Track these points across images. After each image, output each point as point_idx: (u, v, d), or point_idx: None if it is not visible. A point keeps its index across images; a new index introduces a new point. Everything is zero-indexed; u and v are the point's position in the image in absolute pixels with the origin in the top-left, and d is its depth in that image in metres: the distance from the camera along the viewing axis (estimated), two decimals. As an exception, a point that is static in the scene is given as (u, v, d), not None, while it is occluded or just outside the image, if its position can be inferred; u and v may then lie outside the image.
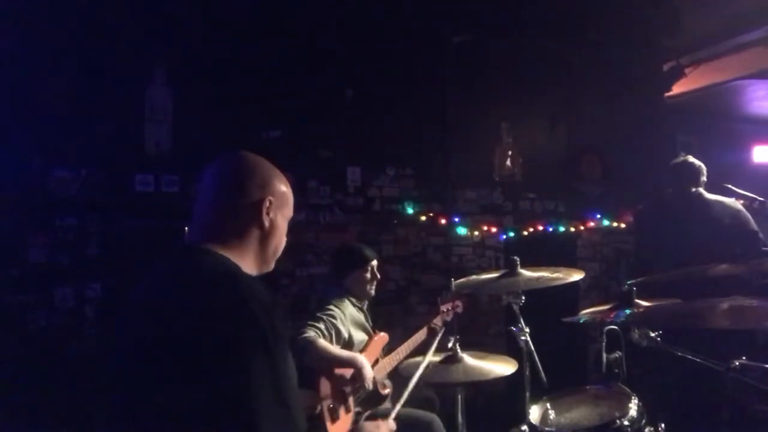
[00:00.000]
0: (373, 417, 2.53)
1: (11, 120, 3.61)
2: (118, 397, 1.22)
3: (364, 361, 2.79)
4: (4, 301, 3.55)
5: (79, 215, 3.75)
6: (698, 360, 1.99)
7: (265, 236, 1.40)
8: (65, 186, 3.74)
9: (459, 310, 3.33)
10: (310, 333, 2.68)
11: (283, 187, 1.45)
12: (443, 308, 3.30)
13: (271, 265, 1.47)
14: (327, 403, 2.68)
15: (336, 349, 2.77)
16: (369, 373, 2.77)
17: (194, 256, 1.31)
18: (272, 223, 1.41)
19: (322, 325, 2.77)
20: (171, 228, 1.43)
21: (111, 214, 3.80)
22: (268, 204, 1.39)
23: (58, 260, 3.69)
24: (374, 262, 3.13)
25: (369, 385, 2.76)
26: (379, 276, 3.17)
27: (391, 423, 1.66)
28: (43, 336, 3.60)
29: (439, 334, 2.71)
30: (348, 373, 2.78)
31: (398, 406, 1.83)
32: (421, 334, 3.21)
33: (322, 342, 2.70)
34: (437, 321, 3.27)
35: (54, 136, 3.70)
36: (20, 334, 3.55)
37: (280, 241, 1.45)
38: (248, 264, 1.38)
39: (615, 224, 5.21)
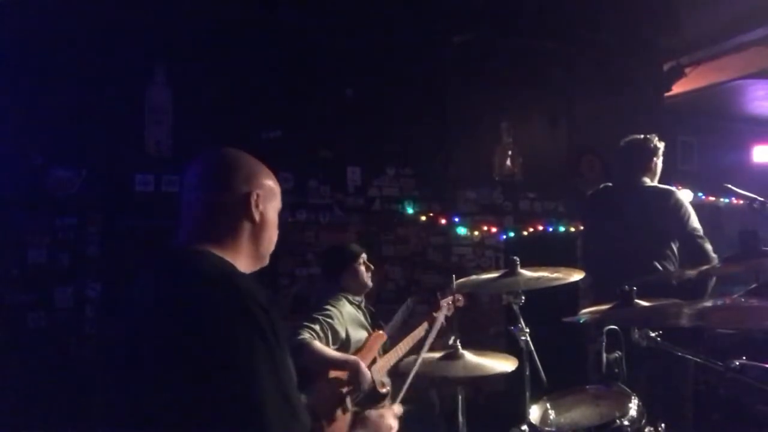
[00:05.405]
0: None
1: (11, 120, 3.61)
2: (122, 398, 1.21)
3: (358, 363, 2.77)
4: (4, 301, 3.55)
5: (79, 215, 3.75)
6: (699, 360, 1.99)
7: (258, 230, 1.38)
8: (65, 186, 3.74)
9: (460, 304, 3.22)
10: (305, 335, 2.67)
11: (269, 180, 1.43)
12: (443, 302, 3.18)
13: (266, 260, 1.44)
14: (323, 404, 2.67)
15: (330, 352, 2.76)
16: (365, 375, 2.76)
17: (189, 258, 1.30)
18: (263, 216, 1.39)
19: (317, 326, 2.75)
20: (171, 228, 1.41)
21: (111, 214, 3.80)
22: (256, 197, 1.37)
23: (58, 260, 3.69)
24: (364, 255, 3.12)
25: (365, 387, 2.75)
26: (372, 267, 3.14)
27: (396, 407, 1.64)
28: (43, 336, 3.60)
29: (434, 329, 2.64)
30: (344, 374, 2.77)
31: (397, 401, 1.81)
32: (419, 331, 3.18)
33: (317, 344, 2.69)
34: (437, 315, 3.22)
35: (54, 136, 3.70)
36: (20, 334, 3.56)
37: (273, 233, 1.43)
38: (243, 261, 1.37)
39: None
